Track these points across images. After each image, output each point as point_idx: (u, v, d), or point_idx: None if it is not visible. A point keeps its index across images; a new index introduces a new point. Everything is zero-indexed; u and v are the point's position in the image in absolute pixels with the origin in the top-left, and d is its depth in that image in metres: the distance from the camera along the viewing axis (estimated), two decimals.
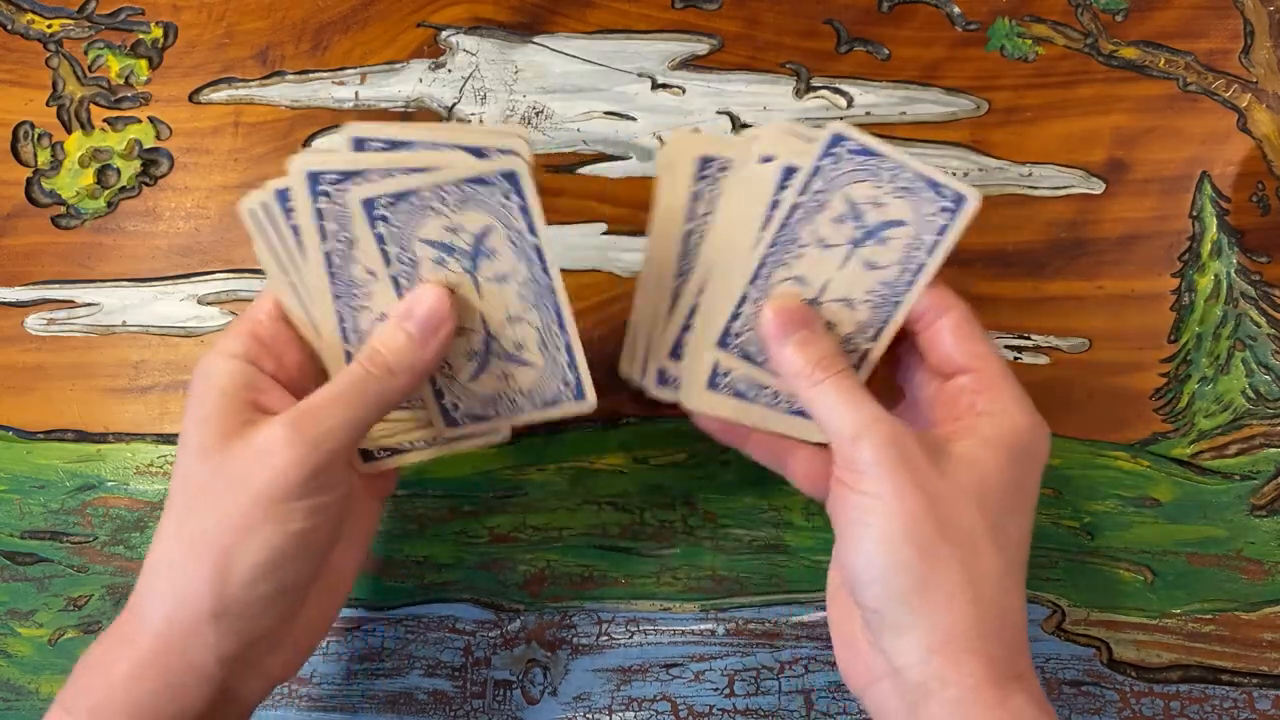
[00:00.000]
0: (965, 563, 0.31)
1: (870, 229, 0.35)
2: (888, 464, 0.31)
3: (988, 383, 0.34)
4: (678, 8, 0.49)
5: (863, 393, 0.33)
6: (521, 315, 0.35)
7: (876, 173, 0.34)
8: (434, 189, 0.33)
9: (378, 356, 0.33)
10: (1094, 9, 0.49)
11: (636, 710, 0.42)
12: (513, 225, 0.34)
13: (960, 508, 0.31)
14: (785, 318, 0.34)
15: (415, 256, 0.34)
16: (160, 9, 0.49)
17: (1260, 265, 0.46)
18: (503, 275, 0.35)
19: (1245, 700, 0.42)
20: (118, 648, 0.32)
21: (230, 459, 0.32)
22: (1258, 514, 0.44)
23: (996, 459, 0.32)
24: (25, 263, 0.46)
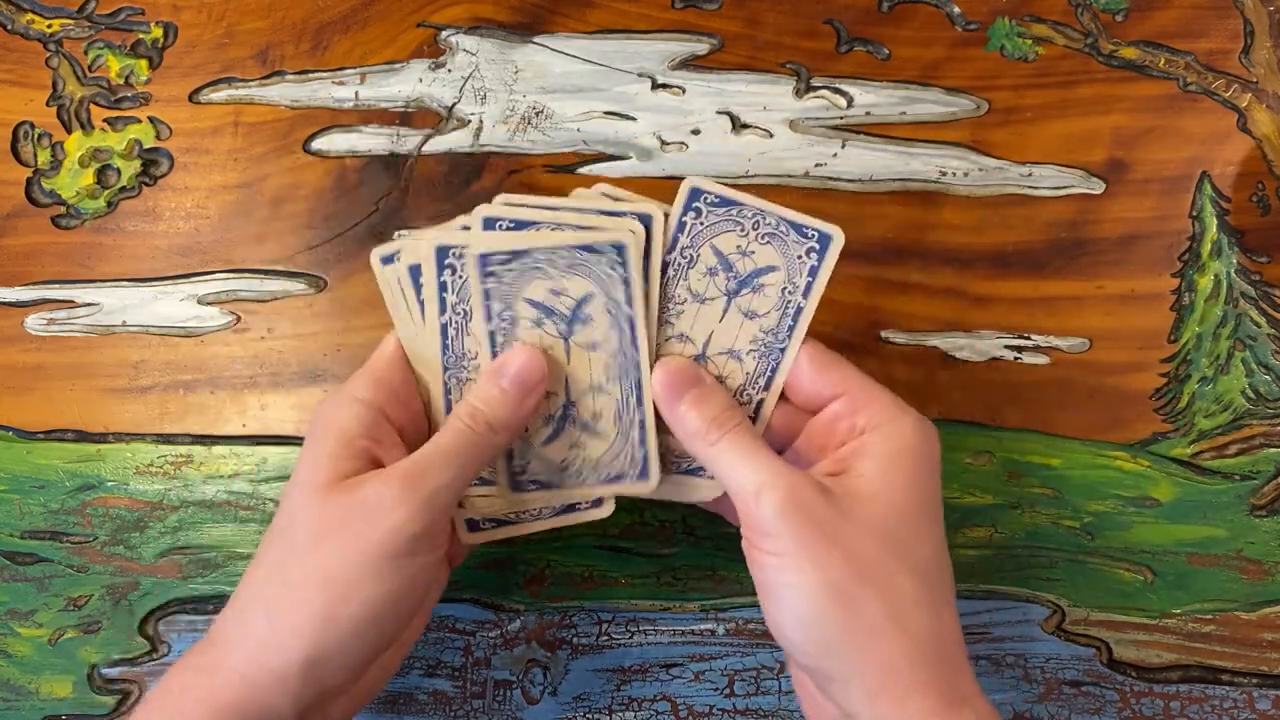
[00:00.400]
0: (885, 598, 0.31)
1: (743, 278, 0.35)
2: (790, 519, 0.31)
3: (860, 401, 0.34)
4: (678, 8, 0.49)
5: (759, 446, 0.33)
6: (604, 386, 0.36)
7: (740, 221, 0.35)
8: (547, 251, 0.34)
9: (479, 414, 0.33)
10: (1094, 9, 0.49)
11: (636, 710, 0.42)
12: (613, 295, 0.35)
13: (869, 546, 0.31)
14: (676, 378, 0.35)
15: (515, 315, 0.35)
16: (160, 9, 0.49)
17: (1260, 265, 0.46)
18: (594, 343, 0.35)
19: (1245, 700, 0.42)
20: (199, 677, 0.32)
21: (341, 507, 0.32)
22: (1258, 514, 0.44)
23: (891, 482, 0.32)
24: (25, 263, 0.46)
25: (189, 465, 0.44)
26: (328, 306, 0.46)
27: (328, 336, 0.45)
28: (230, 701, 0.31)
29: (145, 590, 0.43)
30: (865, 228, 0.46)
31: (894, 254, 0.46)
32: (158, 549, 0.44)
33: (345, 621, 0.31)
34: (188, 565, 0.43)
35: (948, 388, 0.45)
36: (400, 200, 0.46)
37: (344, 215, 0.46)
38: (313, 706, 0.32)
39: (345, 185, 0.47)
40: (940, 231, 0.46)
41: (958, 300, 0.46)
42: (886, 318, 0.46)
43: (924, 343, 0.45)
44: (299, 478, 0.33)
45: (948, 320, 0.46)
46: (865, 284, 0.46)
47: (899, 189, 0.47)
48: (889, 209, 0.47)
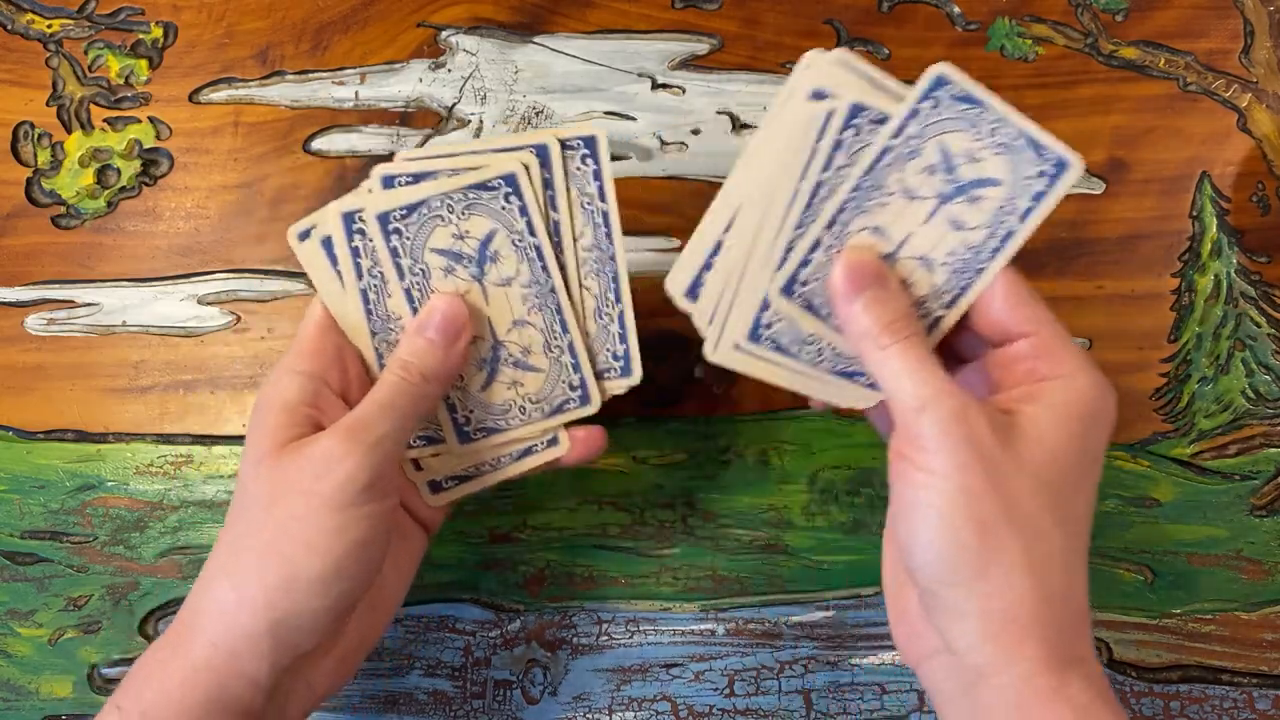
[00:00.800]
0: (1028, 546, 0.30)
1: (962, 184, 0.32)
2: (951, 440, 0.30)
3: (1047, 347, 0.32)
4: (678, 8, 0.49)
5: (931, 361, 0.31)
6: (526, 318, 0.36)
7: (977, 124, 0.32)
8: (441, 197, 0.34)
9: (410, 366, 0.34)
10: (1094, 9, 0.49)
11: (636, 710, 0.42)
12: (514, 228, 0.35)
13: (1025, 487, 0.30)
14: (858, 272, 0.32)
15: (427, 267, 0.35)
16: (160, 9, 0.49)
17: (1260, 265, 0.46)
18: (507, 279, 0.35)
19: (1245, 700, 0.42)
20: (173, 652, 0.32)
21: (288, 468, 0.32)
22: (1258, 514, 0.44)
23: (1064, 431, 0.31)
24: (25, 263, 0.46)
25: (189, 465, 0.44)
26: None
27: None
28: (203, 668, 0.31)
29: (145, 590, 0.43)
30: None
31: None
32: (158, 549, 0.44)
33: (304, 579, 0.31)
34: (188, 565, 0.43)
35: None
36: None
37: None
38: (290, 669, 0.32)
39: (345, 185, 0.47)
40: None
41: None
42: None
43: None
44: (247, 452, 0.33)
45: None
46: None
47: None
48: None
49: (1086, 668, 0.30)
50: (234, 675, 0.31)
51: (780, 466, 0.44)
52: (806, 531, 0.44)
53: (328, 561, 0.31)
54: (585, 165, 0.35)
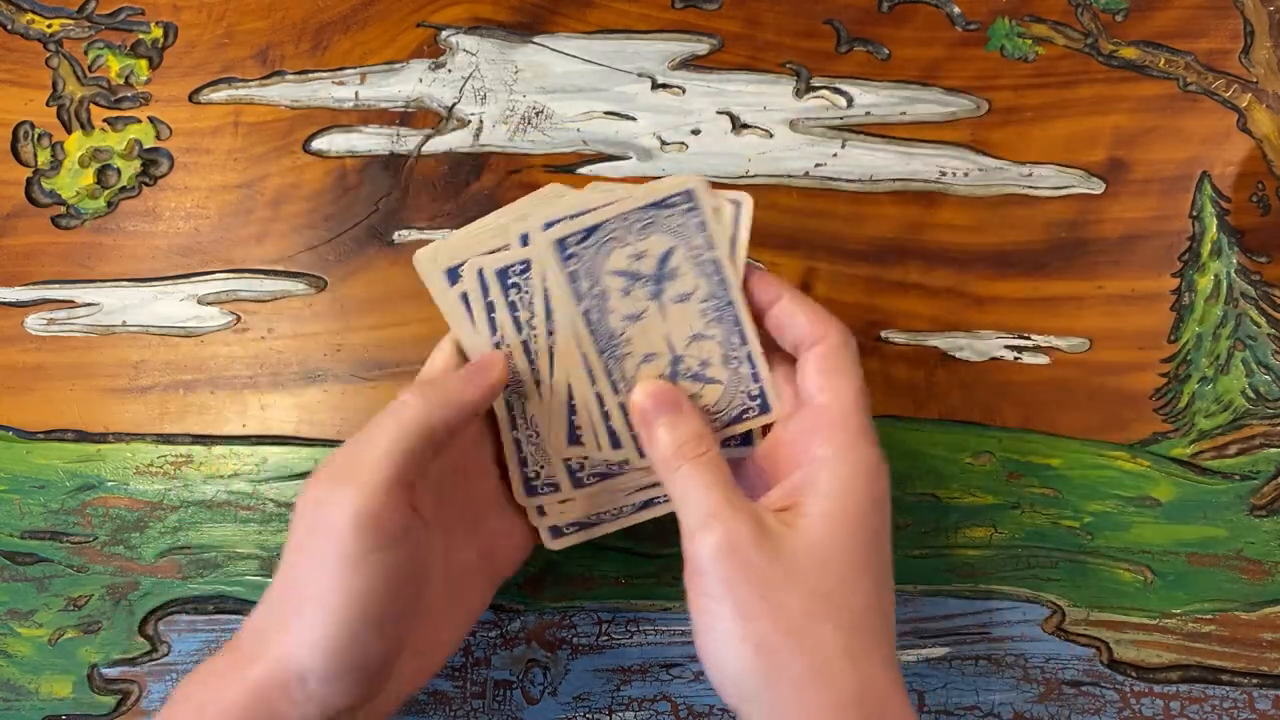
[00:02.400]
0: (809, 652, 0.31)
1: (654, 276, 0.35)
2: (721, 564, 0.31)
3: (825, 420, 0.34)
4: (678, 8, 0.49)
5: (716, 481, 0.33)
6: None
7: (613, 235, 0.35)
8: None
9: (408, 391, 0.33)
10: (1094, 9, 0.49)
11: (636, 710, 0.42)
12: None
13: (796, 598, 0.31)
14: (657, 399, 0.35)
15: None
16: (160, 9, 0.49)
17: (1260, 265, 0.46)
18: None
19: (1245, 700, 0.42)
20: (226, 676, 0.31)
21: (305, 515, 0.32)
22: (1258, 514, 0.44)
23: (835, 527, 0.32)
24: (25, 263, 0.46)
25: (189, 465, 0.44)
26: (328, 306, 0.46)
27: (328, 336, 0.45)
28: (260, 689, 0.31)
29: (145, 590, 0.43)
30: (865, 228, 0.46)
31: (894, 254, 0.46)
32: (158, 549, 0.44)
33: (335, 626, 0.30)
34: (188, 565, 0.43)
35: (947, 388, 0.45)
36: (400, 200, 0.46)
37: (344, 215, 0.46)
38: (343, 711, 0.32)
39: (345, 185, 0.47)
40: (940, 231, 0.46)
41: (958, 300, 0.46)
42: (886, 318, 0.46)
43: (924, 343, 0.45)
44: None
45: (948, 320, 0.46)
46: (865, 284, 0.46)
47: (899, 189, 0.47)
48: (889, 209, 0.47)
49: None
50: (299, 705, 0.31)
51: None
52: None
53: (352, 608, 0.31)
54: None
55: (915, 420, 0.45)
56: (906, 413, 0.45)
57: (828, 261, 0.46)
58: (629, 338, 0.36)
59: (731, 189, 0.36)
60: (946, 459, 0.44)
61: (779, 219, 0.46)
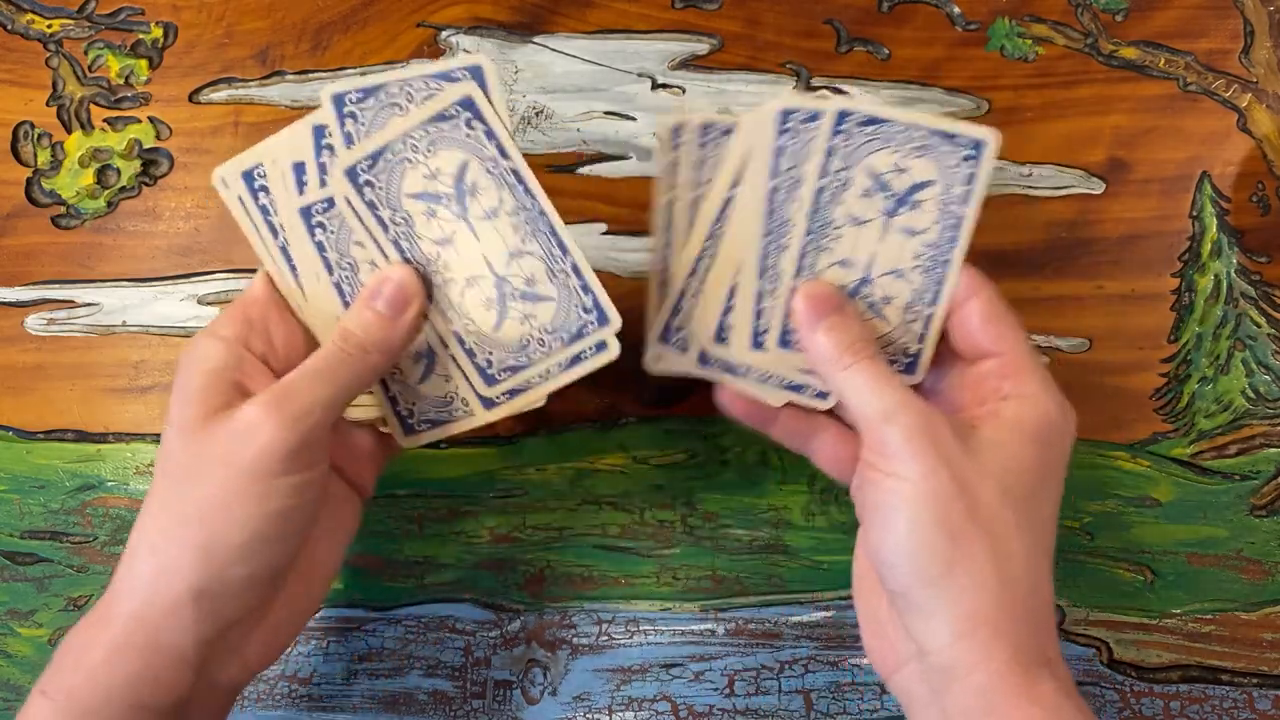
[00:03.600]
0: (993, 546, 0.31)
1: (900, 195, 0.34)
2: (917, 446, 0.31)
3: (1014, 367, 0.34)
4: (678, 8, 0.49)
5: (892, 377, 0.33)
6: (521, 247, 0.35)
7: (890, 139, 0.34)
8: (403, 138, 0.33)
9: (351, 336, 0.33)
10: (1094, 9, 0.49)
11: (636, 710, 0.42)
12: (485, 154, 0.34)
13: (988, 490, 0.31)
14: (817, 303, 0.34)
15: (408, 214, 0.34)
16: (160, 9, 0.49)
17: (1260, 265, 0.46)
18: (492, 210, 0.34)
19: (1245, 700, 0.42)
20: (95, 630, 0.32)
21: (211, 438, 0.32)
22: (1258, 514, 0.44)
23: (1023, 443, 0.32)
24: (25, 263, 0.46)
25: None
26: None
27: None
28: (127, 642, 0.31)
29: None
30: None
31: None
32: None
33: (226, 549, 0.31)
34: None
35: None
36: None
37: None
38: (217, 642, 0.32)
39: None
40: None
41: None
42: None
43: None
44: (171, 418, 0.33)
45: None
46: None
47: None
48: None
49: (1055, 669, 0.31)
50: (157, 650, 0.31)
51: (780, 466, 0.44)
52: (806, 531, 0.44)
53: (248, 529, 0.31)
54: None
55: None
56: None
57: None
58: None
59: None
60: None
61: None
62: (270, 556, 0.32)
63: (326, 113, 0.34)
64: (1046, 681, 0.30)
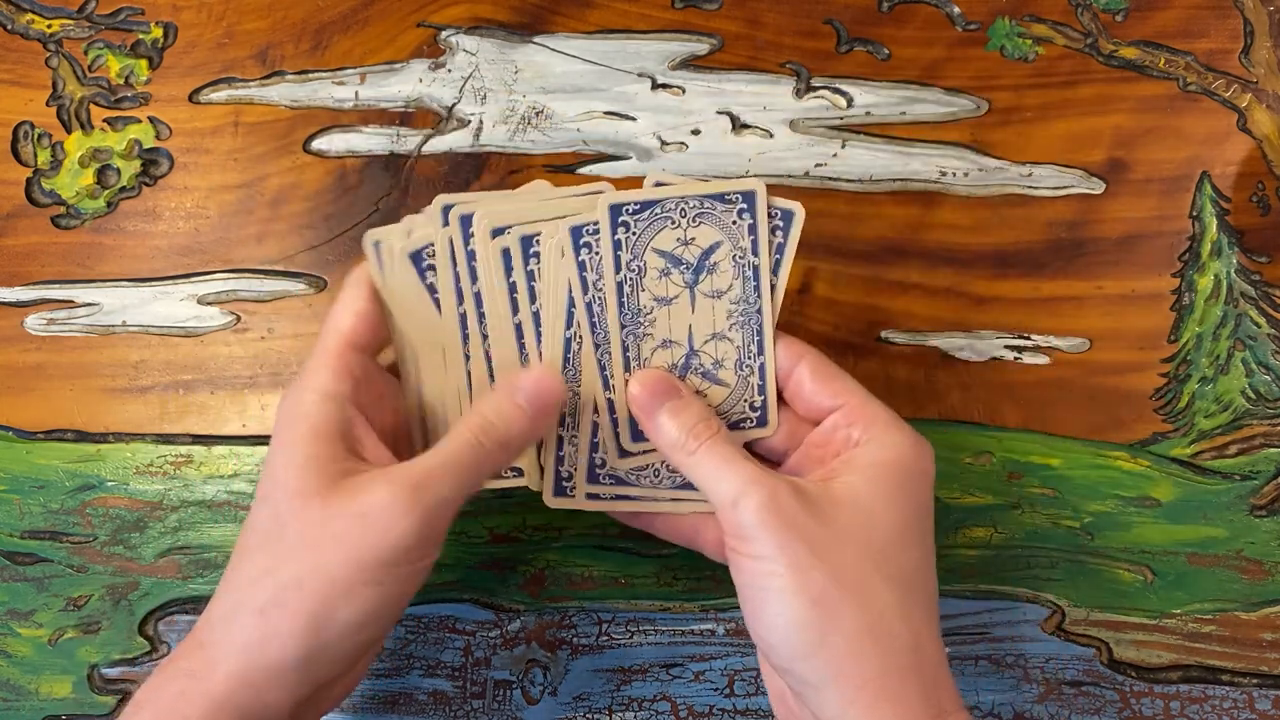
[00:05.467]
0: (863, 607, 0.31)
1: (695, 265, 0.36)
2: (768, 524, 0.31)
3: (856, 413, 0.34)
4: (678, 8, 0.49)
5: (737, 454, 0.33)
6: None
7: (668, 216, 0.35)
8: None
9: (493, 430, 0.33)
10: (1094, 9, 0.49)
11: (636, 710, 0.42)
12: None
13: (847, 553, 0.31)
14: (653, 388, 0.35)
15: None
16: (160, 9, 0.49)
17: (1260, 265, 0.46)
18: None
19: (1245, 700, 0.42)
20: (189, 683, 0.31)
21: (336, 514, 0.31)
22: (1258, 514, 0.44)
23: (877, 492, 0.33)
24: (25, 263, 0.46)
25: (189, 465, 0.44)
26: (327, 306, 0.45)
27: None
28: (228, 700, 0.31)
29: (145, 590, 0.43)
30: (865, 228, 0.46)
31: (894, 254, 0.46)
32: (158, 549, 0.44)
33: (340, 626, 0.31)
34: (188, 565, 0.43)
35: (948, 388, 0.45)
36: (400, 200, 0.46)
37: (344, 215, 0.46)
38: (309, 700, 0.33)
39: (345, 185, 0.47)
40: (940, 231, 0.46)
41: (958, 300, 0.46)
42: (886, 318, 0.46)
43: (924, 343, 0.45)
44: (283, 480, 0.32)
45: (948, 320, 0.46)
46: (865, 284, 0.46)
47: (899, 189, 0.47)
48: (889, 209, 0.47)
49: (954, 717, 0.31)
50: (259, 711, 0.31)
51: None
52: None
53: (365, 610, 0.31)
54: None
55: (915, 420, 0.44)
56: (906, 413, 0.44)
57: (828, 261, 0.46)
58: (654, 319, 0.36)
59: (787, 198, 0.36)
60: (946, 459, 0.44)
61: None
62: (378, 631, 0.33)
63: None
64: None
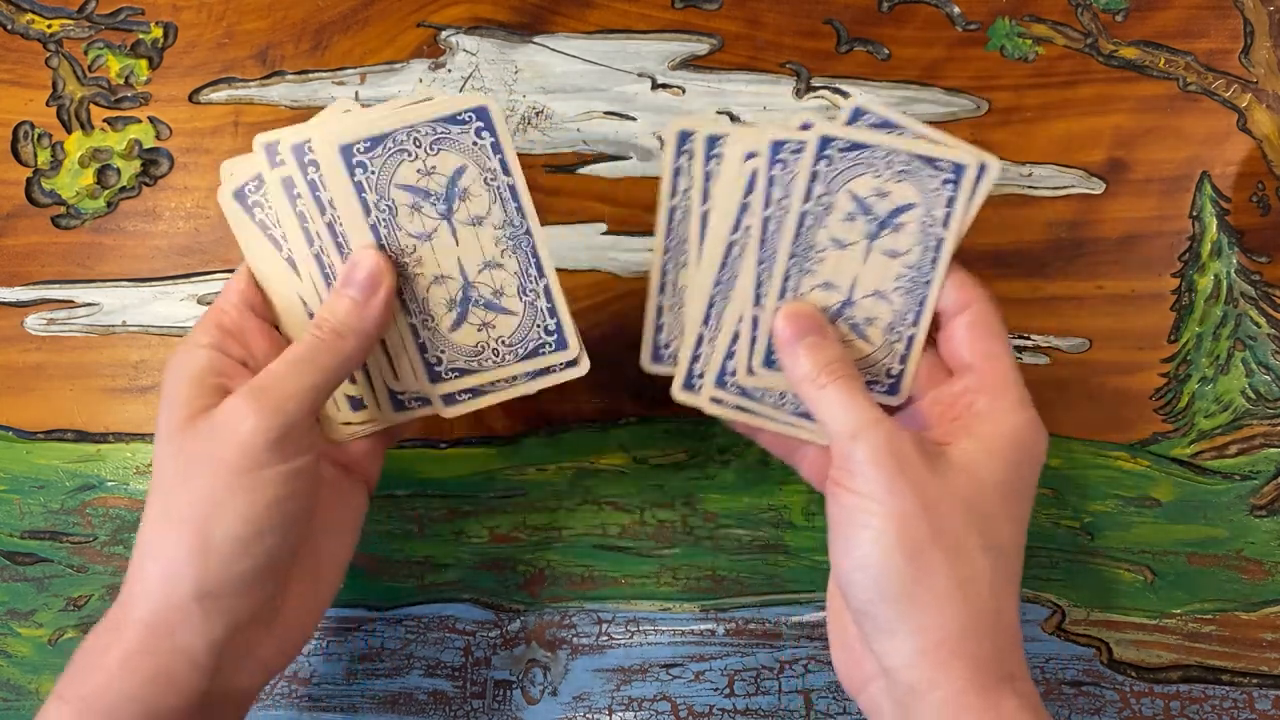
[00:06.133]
0: (955, 567, 0.31)
1: (882, 219, 0.35)
2: (882, 465, 0.31)
3: (989, 383, 0.34)
4: (678, 8, 0.49)
5: (865, 396, 0.33)
6: (498, 260, 0.35)
7: (872, 163, 0.34)
8: (408, 130, 0.34)
9: (325, 323, 0.34)
10: (1094, 9, 0.49)
11: (636, 710, 0.42)
12: (486, 165, 0.34)
13: (952, 511, 0.31)
14: (797, 323, 0.35)
15: (393, 204, 0.34)
16: (160, 9, 0.49)
17: (1260, 265, 0.46)
18: (478, 218, 0.35)
19: (1245, 700, 0.42)
20: (109, 636, 0.32)
21: (196, 437, 0.32)
22: (1258, 514, 0.44)
23: (991, 462, 0.33)
24: (25, 263, 0.46)
25: None
26: None
27: None
28: (140, 648, 0.31)
29: None
30: None
31: None
32: None
33: (222, 544, 0.31)
34: None
35: None
36: None
37: None
38: (229, 642, 0.32)
39: None
40: None
41: None
42: None
43: None
44: (159, 429, 0.33)
45: None
46: None
47: None
48: None
49: (1018, 684, 0.31)
50: (169, 653, 0.31)
51: (780, 466, 0.44)
52: (806, 531, 0.44)
53: (241, 524, 0.31)
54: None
55: None
56: None
57: None
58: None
59: None
60: None
61: None
62: (269, 549, 0.32)
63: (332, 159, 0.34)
64: (1009, 699, 0.31)
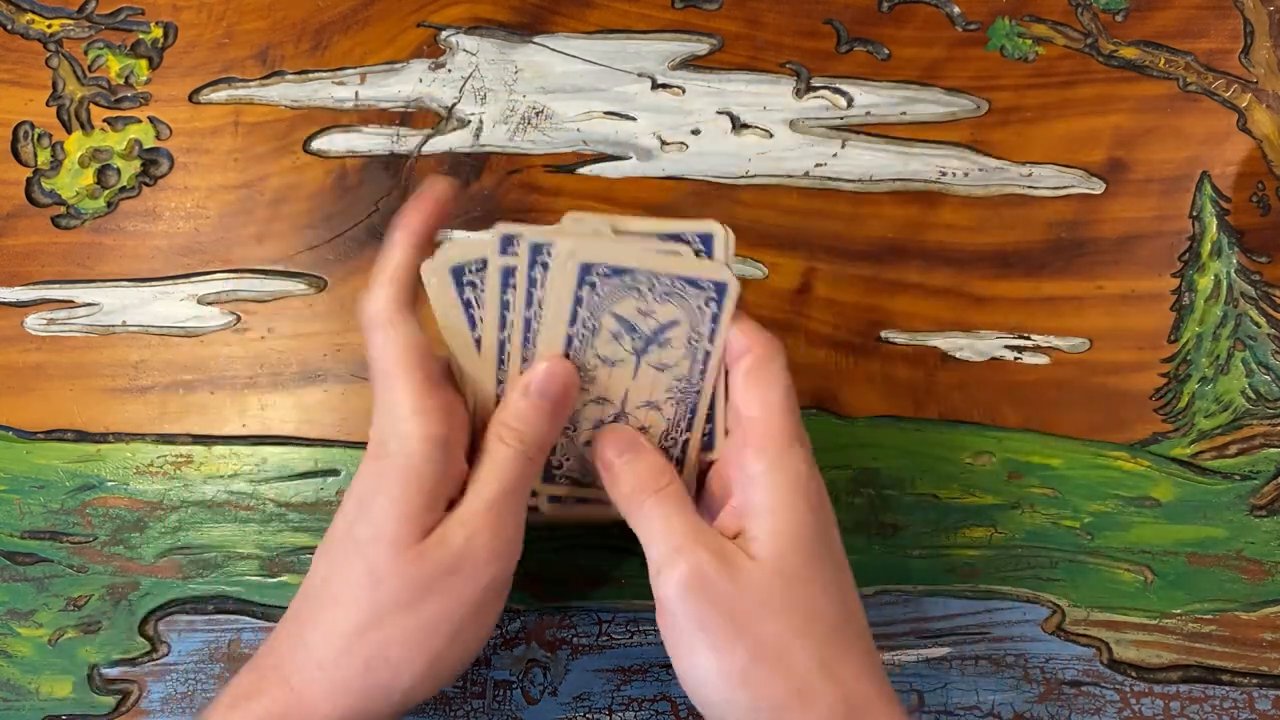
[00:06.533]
0: (787, 675, 0.31)
1: (648, 337, 0.35)
2: (691, 604, 0.32)
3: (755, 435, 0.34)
4: (678, 8, 0.49)
5: (679, 513, 0.33)
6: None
7: (634, 287, 0.35)
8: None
9: (524, 437, 0.34)
10: (1094, 9, 0.49)
11: (636, 710, 0.42)
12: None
13: (768, 622, 0.32)
14: (618, 441, 0.35)
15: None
16: (160, 9, 0.49)
17: (1260, 265, 0.46)
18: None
19: (1245, 700, 0.42)
20: None
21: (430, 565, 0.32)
22: (1258, 514, 0.44)
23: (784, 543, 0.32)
24: (25, 263, 0.46)
25: (189, 465, 0.44)
26: (328, 306, 0.46)
27: (328, 336, 0.45)
28: None
29: (145, 590, 0.43)
30: (865, 228, 0.46)
31: (894, 254, 0.46)
32: (158, 549, 0.44)
33: (449, 665, 0.33)
34: (188, 565, 0.43)
35: (948, 388, 0.45)
36: (400, 200, 0.46)
37: (344, 215, 0.46)
38: None
39: (345, 185, 0.47)
40: (940, 231, 0.46)
41: (958, 300, 0.46)
42: (886, 318, 0.46)
43: (924, 343, 0.45)
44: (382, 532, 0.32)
45: (948, 320, 0.46)
46: (865, 284, 0.46)
47: (899, 189, 0.47)
48: (889, 209, 0.47)
49: None
50: None
51: None
52: None
53: (471, 647, 0.34)
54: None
55: (915, 420, 0.45)
56: (906, 413, 0.45)
57: (828, 261, 0.46)
58: (594, 377, 0.36)
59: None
60: (946, 459, 0.44)
61: (779, 219, 0.46)
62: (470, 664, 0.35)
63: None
64: None
